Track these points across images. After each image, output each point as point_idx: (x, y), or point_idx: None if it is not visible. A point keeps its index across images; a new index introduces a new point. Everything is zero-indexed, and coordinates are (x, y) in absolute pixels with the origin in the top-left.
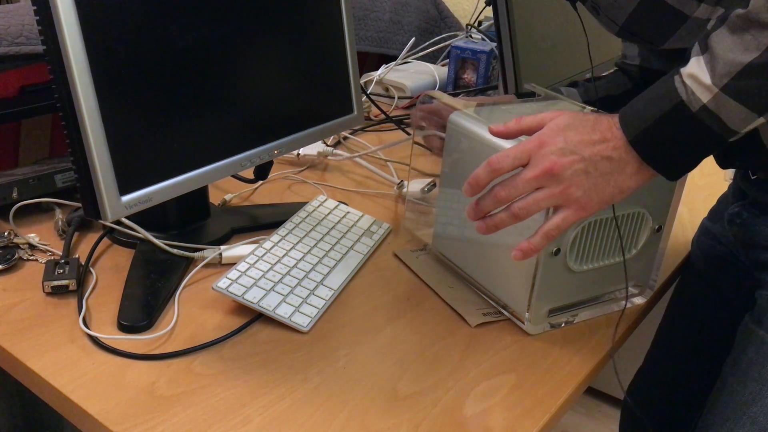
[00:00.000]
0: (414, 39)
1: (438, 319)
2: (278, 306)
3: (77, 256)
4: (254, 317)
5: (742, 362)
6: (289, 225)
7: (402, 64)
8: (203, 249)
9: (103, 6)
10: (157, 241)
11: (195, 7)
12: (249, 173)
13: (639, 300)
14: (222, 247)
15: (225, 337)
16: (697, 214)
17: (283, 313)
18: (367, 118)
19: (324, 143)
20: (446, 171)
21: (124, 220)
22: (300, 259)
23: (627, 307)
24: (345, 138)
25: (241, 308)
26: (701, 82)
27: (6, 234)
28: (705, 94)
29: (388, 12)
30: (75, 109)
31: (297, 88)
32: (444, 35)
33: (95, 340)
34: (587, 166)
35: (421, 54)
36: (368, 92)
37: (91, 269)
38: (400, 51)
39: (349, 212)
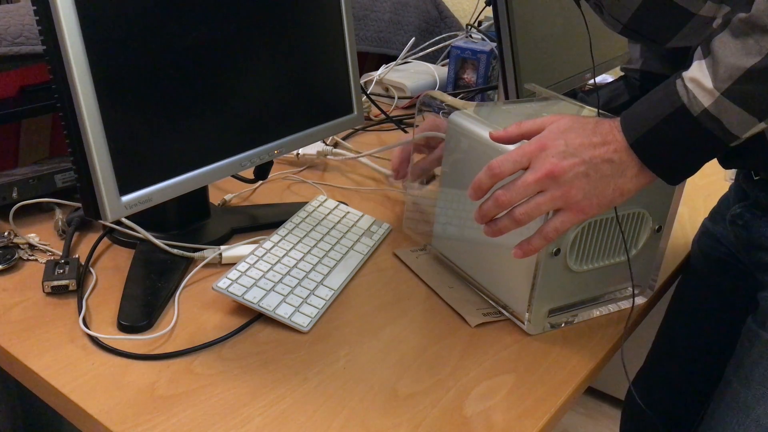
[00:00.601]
0: (414, 39)
1: (438, 319)
2: (278, 306)
3: (77, 256)
4: (254, 317)
5: (746, 364)
6: (289, 225)
7: (402, 64)
8: (203, 249)
9: (103, 6)
10: (157, 241)
11: (195, 7)
12: (249, 173)
13: (639, 300)
14: (222, 247)
15: (225, 337)
16: (697, 215)
17: (283, 313)
18: (367, 118)
19: (324, 143)
20: (446, 171)
21: (124, 220)
22: (300, 259)
23: (627, 307)
24: (345, 138)
25: (241, 308)
26: (703, 86)
27: (6, 234)
28: (706, 98)
29: (388, 12)
30: (75, 109)
31: (297, 88)
32: (444, 35)
33: (95, 340)
34: (588, 169)
35: (421, 54)
36: (368, 92)
37: (91, 269)
38: (400, 51)
39: (349, 212)
